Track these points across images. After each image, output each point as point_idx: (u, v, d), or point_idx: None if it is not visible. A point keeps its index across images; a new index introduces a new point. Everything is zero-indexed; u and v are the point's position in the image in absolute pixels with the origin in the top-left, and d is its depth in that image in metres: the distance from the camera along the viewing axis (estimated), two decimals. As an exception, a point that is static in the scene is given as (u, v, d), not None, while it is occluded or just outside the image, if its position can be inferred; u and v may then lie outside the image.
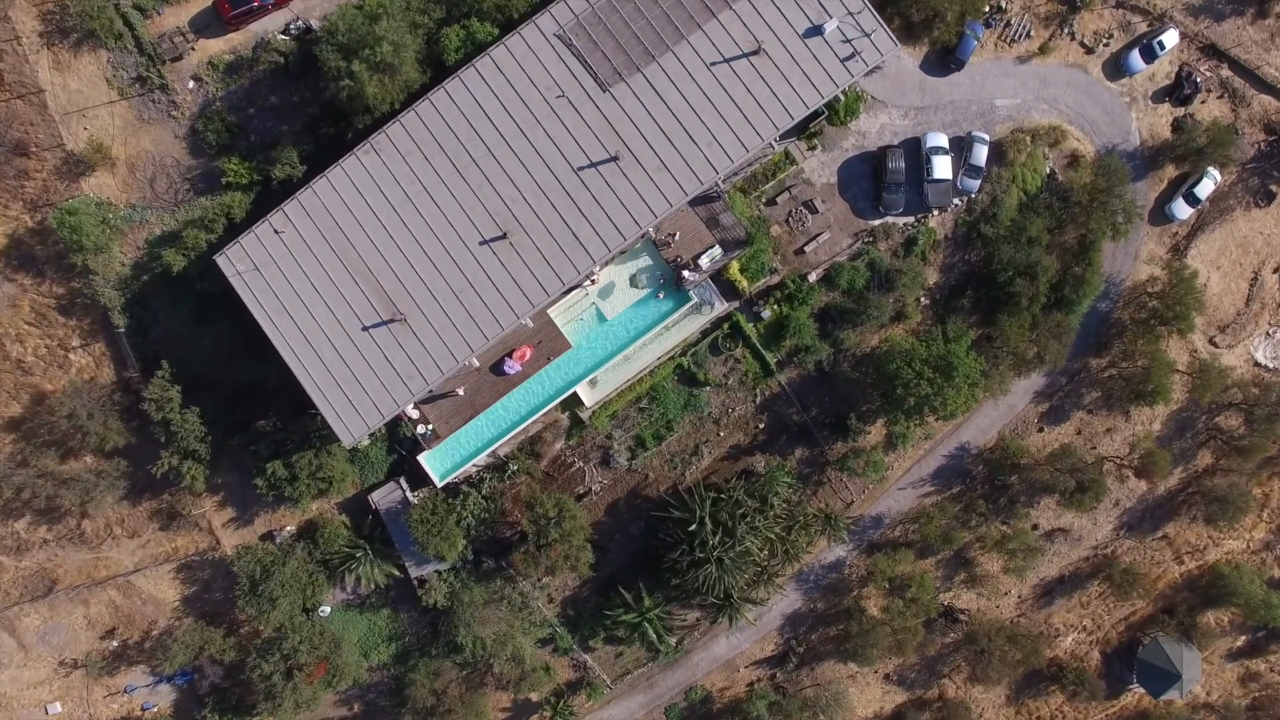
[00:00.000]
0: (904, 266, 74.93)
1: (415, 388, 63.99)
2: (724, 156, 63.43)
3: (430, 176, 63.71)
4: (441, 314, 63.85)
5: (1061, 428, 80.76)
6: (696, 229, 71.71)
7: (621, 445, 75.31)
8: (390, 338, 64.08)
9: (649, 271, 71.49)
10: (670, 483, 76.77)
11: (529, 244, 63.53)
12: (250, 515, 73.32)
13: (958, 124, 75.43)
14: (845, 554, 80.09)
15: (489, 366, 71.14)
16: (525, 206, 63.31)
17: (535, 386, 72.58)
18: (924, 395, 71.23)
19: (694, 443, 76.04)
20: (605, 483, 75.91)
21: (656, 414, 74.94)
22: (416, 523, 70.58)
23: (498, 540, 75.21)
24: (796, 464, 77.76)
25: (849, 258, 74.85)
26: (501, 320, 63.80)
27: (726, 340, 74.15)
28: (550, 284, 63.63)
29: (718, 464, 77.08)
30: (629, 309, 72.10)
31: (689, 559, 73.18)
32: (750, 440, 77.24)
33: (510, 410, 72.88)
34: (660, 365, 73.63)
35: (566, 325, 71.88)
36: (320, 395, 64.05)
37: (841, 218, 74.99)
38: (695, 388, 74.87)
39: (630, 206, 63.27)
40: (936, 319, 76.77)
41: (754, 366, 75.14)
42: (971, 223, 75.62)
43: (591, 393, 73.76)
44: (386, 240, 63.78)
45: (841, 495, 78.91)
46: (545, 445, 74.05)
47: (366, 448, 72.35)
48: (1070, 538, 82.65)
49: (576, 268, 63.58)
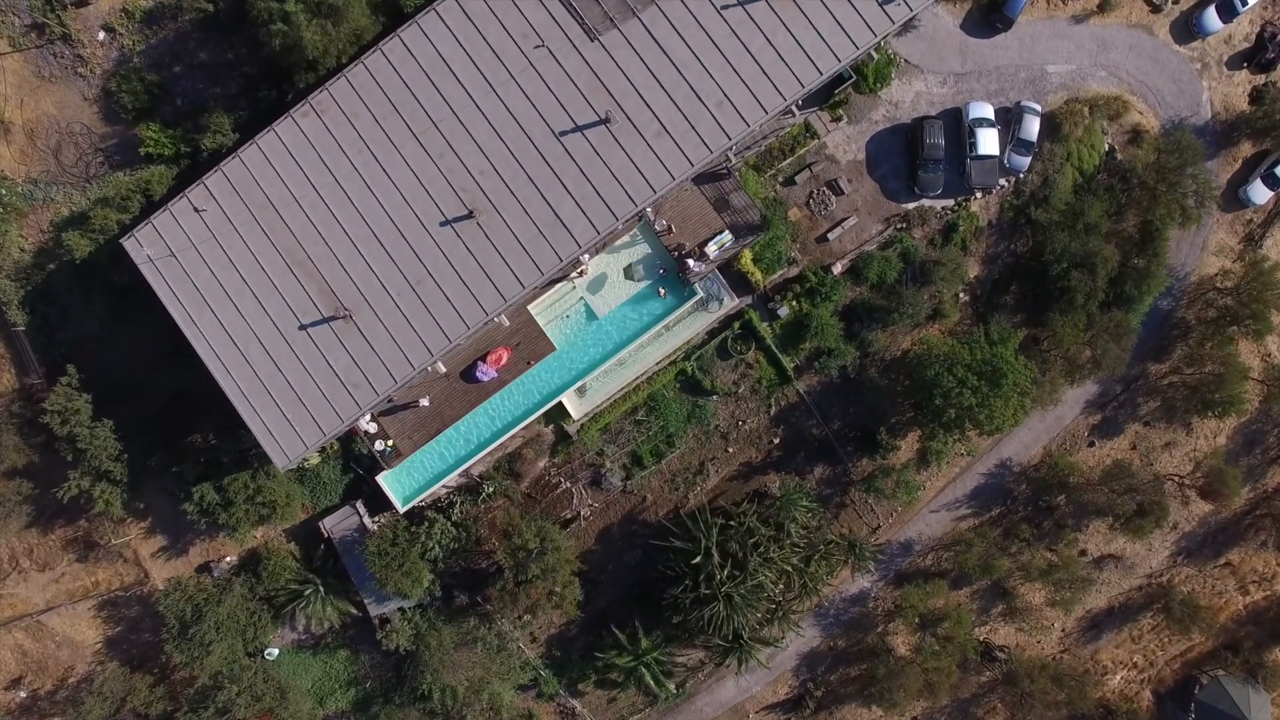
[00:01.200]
0: (942, 257, 60.10)
1: (364, 399, 49.02)
2: (737, 120, 47.93)
3: (381, 143, 48.09)
4: (395, 311, 48.26)
5: (1115, 442, 65.74)
6: (702, 211, 57.01)
7: (615, 463, 60.64)
8: (333, 339, 48.42)
9: (646, 261, 56.77)
10: (671, 506, 62.03)
11: (501, 226, 48.06)
12: (183, 544, 58.25)
13: (1004, 93, 60.51)
14: (870, 585, 65.27)
15: (458, 373, 56.38)
16: (496, 180, 47.63)
17: (513, 396, 57.64)
18: (967, 407, 56.42)
19: (698, 460, 61.37)
20: (596, 506, 61.17)
21: (655, 427, 60.18)
22: (374, 555, 55.84)
23: (472, 572, 60.31)
24: (816, 484, 63.02)
25: (879, 246, 60.14)
26: (468, 318, 48.56)
27: (737, 342, 59.52)
28: (527, 274, 48.46)
29: (726, 484, 62.42)
30: (623, 305, 57.04)
31: (693, 595, 58.60)
32: (763, 457, 62.49)
33: (484, 423, 57.94)
34: (659, 371, 58.38)
35: (550, 324, 56.96)
36: (248, 407, 48.99)
37: (870, 200, 60.30)
38: (700, 397, 59.91)
39: (624, 180, 47.73)
40: (977, 318, 61.93)
41: (768, 372, 60.44)
42: (1019, 207, 60.78)
43: (580, 403, 59.05)
44: (329, 221, 48.22)
45: (867, 519, 64.24)
46: (526, 464, 59.30)
47: (317, 466, 57.63)
48: (1122, 565, 67.50)
49: (559, 255, 48.28)
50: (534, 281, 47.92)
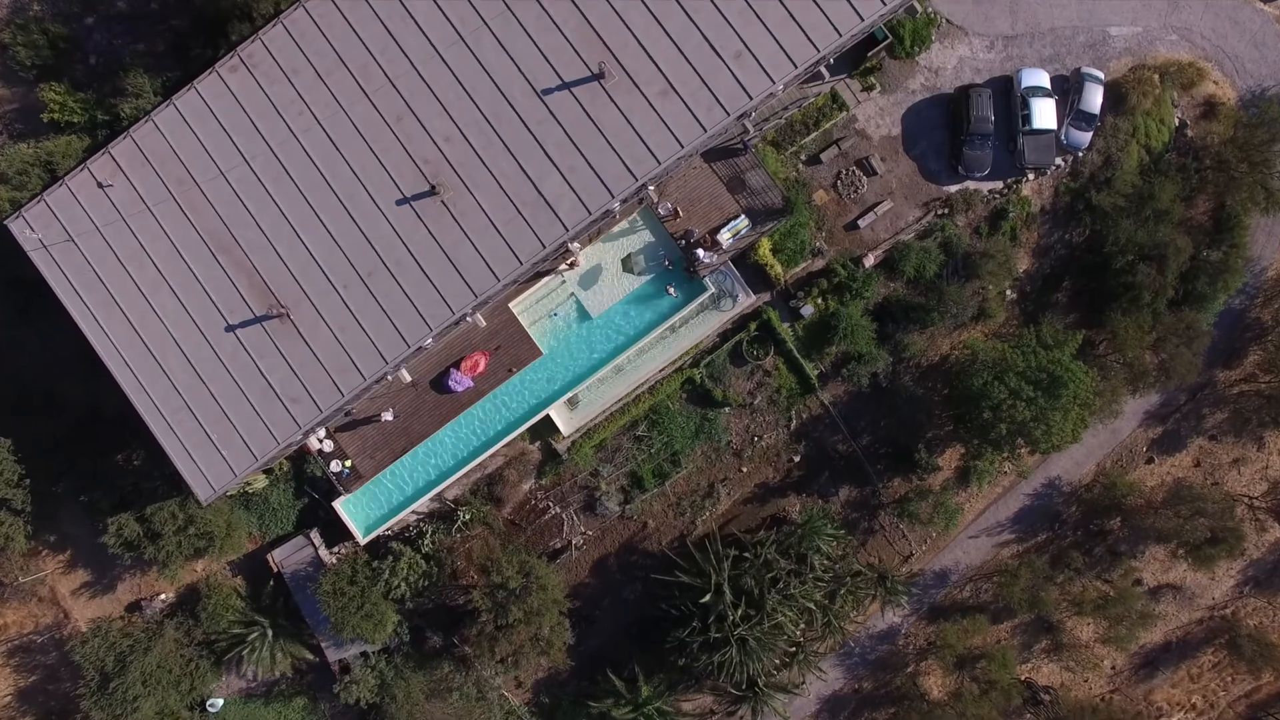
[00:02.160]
0: (989, 248, 49.04)
1: (304, 416, 37.50)
2: (759, 76, 36.02)
3: (326, 104, 36.43)
4: (342, 309, 36.73)
5: (1177, 458, 54.60)
6: (714, 193, 46.08)
7: (611, 485, 49.70)
8: (267, 342, 37.00)
9: (648, 252, 45.92)
10: (676, 534, 50.97)
11: (471, 205, 36.46)
12: (110, 579, 47.00)
13: (1060, 59, 49.44)
14: (900, 620, 54.38)
15: (428, 382, 45.67)
16: (465, 148, 36.31)
17: (493, 409, 46.63)
18: (1020, 421, 45.70)
19: (707, 481, 50.47)
20: (590, 534, 50.23)
21: (658, 444, 49.21)
22: (328, 595, 44.73)
23: (447, 610, 49.52)
24: (841, 508, 51.98)
25: (917, 235, 49.22)
26: (432, 318, 36.90)
27: (753, 346, 48.59)
28: (504, 265, 36.82)
29: (739, 509, 51.46)
30: (621, 303, 46.14)
31: (701, 639, 47.84)
32: (782, 478, 51.57)
33: (459, 440, 46.81)
34: (663, 379, 46.97)
35: (535, 325, 46.15)
36: (164, 426, 37.82)
37: (907, 182, 49.41)
38: (710, 409, 48.37)
39: (621, 149, 36.19)
40: (1025, 318, 51.22)
41: (789, 381, 49.55)
42: (1077, 190, 49.69)
43: (570, 416, 48.06)
44: (263, 199, 36.65)
45: (898, 546, 53.28)
46: (508, 486, 48.37)
47: (264, 490, 46.85)
48: (1181, 595, 56.50)
49: (541, 240, 36.78)
50: (512, 273, 36.80)
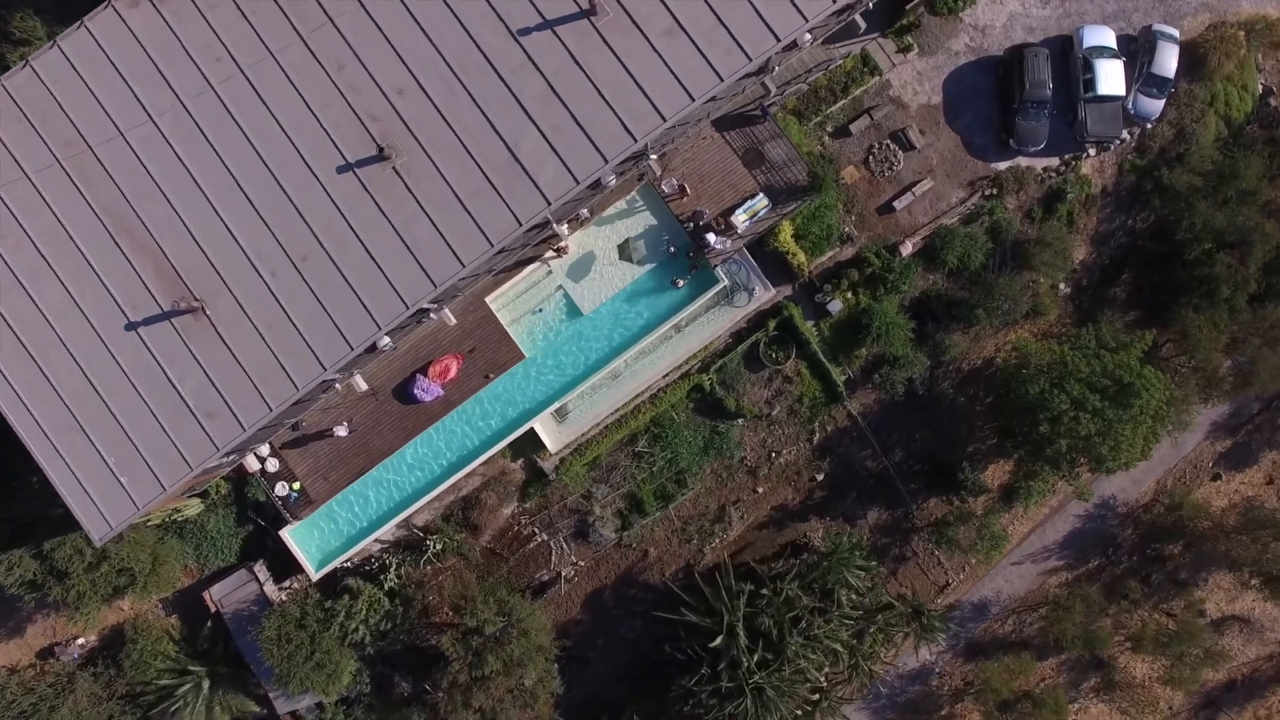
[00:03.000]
0: (1044, 234, 40.35)
1: (223, 435, 27.86)
2: (789, 12, 27.46)
3: (250, 48, 27.30)
4: (269, 301, 27.67)
5: (1247, 474, 45.60)
6: (727, 167, 37.40)
7: (607, 509, 40.94)
8: (177, 343, 27.76)
9: (650, 236, 37.17)
10: (682, 564, 42.14)
11: (430, 172, 27.39)
12: (20, 622, 38.21)
13: (1125, 15, 40.73)
14: (934, 657, 45.97)
15: (390, 389, 37.16)
16: (422, 102, 27.34)
17: (467, 421, 37.68)
18: (1085, 436, 37.16)
19: (718, 504, 41.78)
20: (582, 565, 41.38)
21: (660, 461, 40.26)
22: (272, 642, 36.03)
23: (416, 651, 41.16)
24: (870, 532, 43.50)
25: (961, 220, 40.57)
26: (381, 313, 27.59)
27: (772, 348, 39.37)
28: (469, 247, 27.45)
29: (753, 535, 42.75)
30: (618, 298, 36.78)
31: (711, 687, 39.27)
32: (803, 499, 42.83)
33: (428, 458, 38.06)
34: (667, 387, 37.82)
35: (517, 323, 37.41)
36: (48, 448, 28.92)
37: (949, 158, 40.78)
38: (721, 420, 39.06)
39: (617, 102, 26.93)
40: (1079, 316, 42.72)
41: (812, 388, 40.75)
42: (1145, 168, 40.98)
43: (559, 429, 38.87)
44: (172, 166, 27.48)
45: (933, 575, 44.64)
46: (486, 512, 39.58)
47: (199, 516, 38.34)
48: (1249, 629, 48.09)
49: (517, 216, 27.27)
50: (481, 258, 27.97)
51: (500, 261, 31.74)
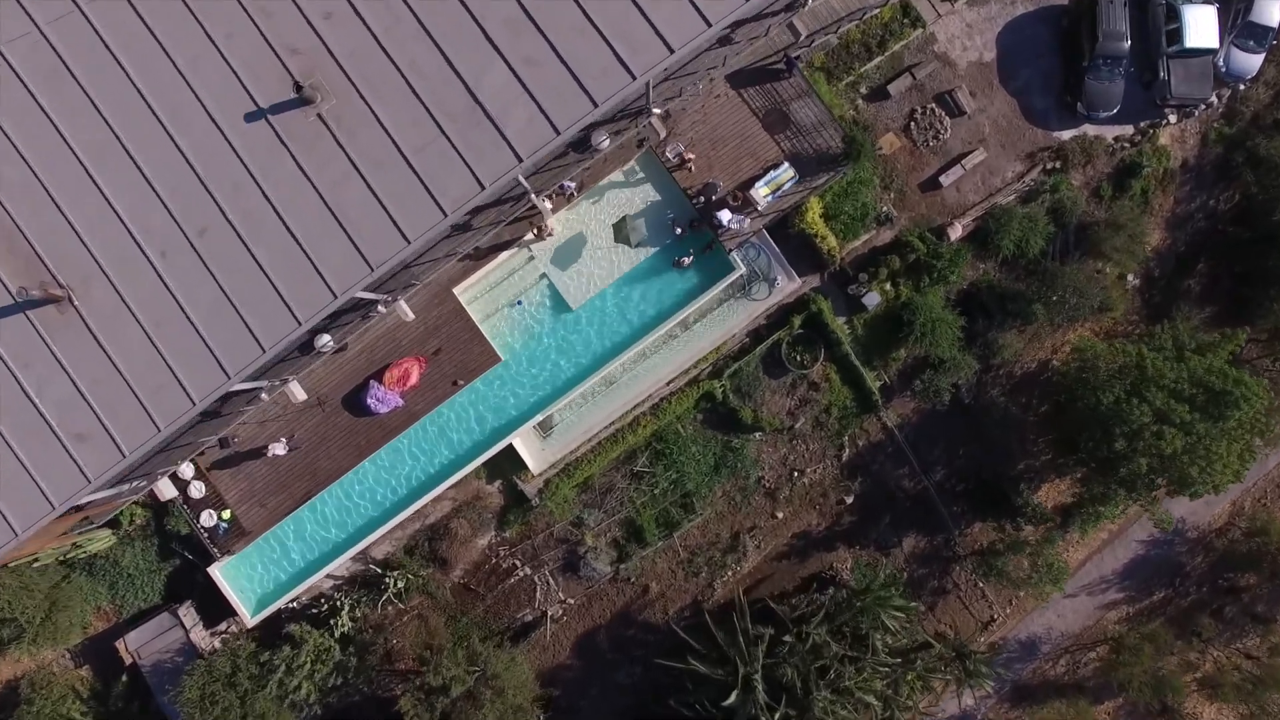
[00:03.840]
0: (1116, 215, 33.23)
1: (96, 464, 19.94)
2: None
3: None
4: (158, 289, 19.94)
5: (1333, 493, 39.11)
6: (745, 131, 29.92)
7: (600, 539, 33.31)
8: (37, 344, 20.12)
9: (651, 215, 29.63)
10: (689, 601, 34.53)
11: (364, 118, 19.54)
12: (-102, 676, 31.62)
13: (1211, -42, 33.63)
14: (975, 703, 38.56)
15: (340, 399, 29.82)
16: (356, 29, 19.60)
17: (433, 437, 30.10)
18: (1171, 454, 29.81)
19: (731, 531, 34.14)
20: (571, 603, 33.59)
21: (664, 482, 32.21)
22: (193, 704, 28.76)
23: (377, 703, 33.82)
24: (905, 561, 36.11)
25: (1018, 198, 33.19)
26: (301, 304, 20.10)
27: (796, 349, 31.22)
28: (415, 218, 19.62)
29: (771, 566, 35.24)
30: (613, 288, 28.83)
31: (723, 749, 31.78)
32: (829, 524, 35.30)
33: (387, 480, 30.90)
34: (672, 395, 30.10)
35: (492, 319, 29.89)
36: None
37: (1004, 125, 33.35)
38: (736, 435, 31.16)
39: (609, 28, 19.19)
40: (1149, 311, 35.30)
41: (843, 396, 33.06)
42: (1234, 137, 33.42)
43: (543, 446, 30.78)
44: (30, 115, 19.94)
45: (976, 610, 37.14)
46: (456, 543, 32.02)
47: (111, 550, 31.00)
48: (1328, 667, 41.08)
49: (478, 177, 19.50)
50: (429, 231, 20.32)
51: (465, 243, 24.29)
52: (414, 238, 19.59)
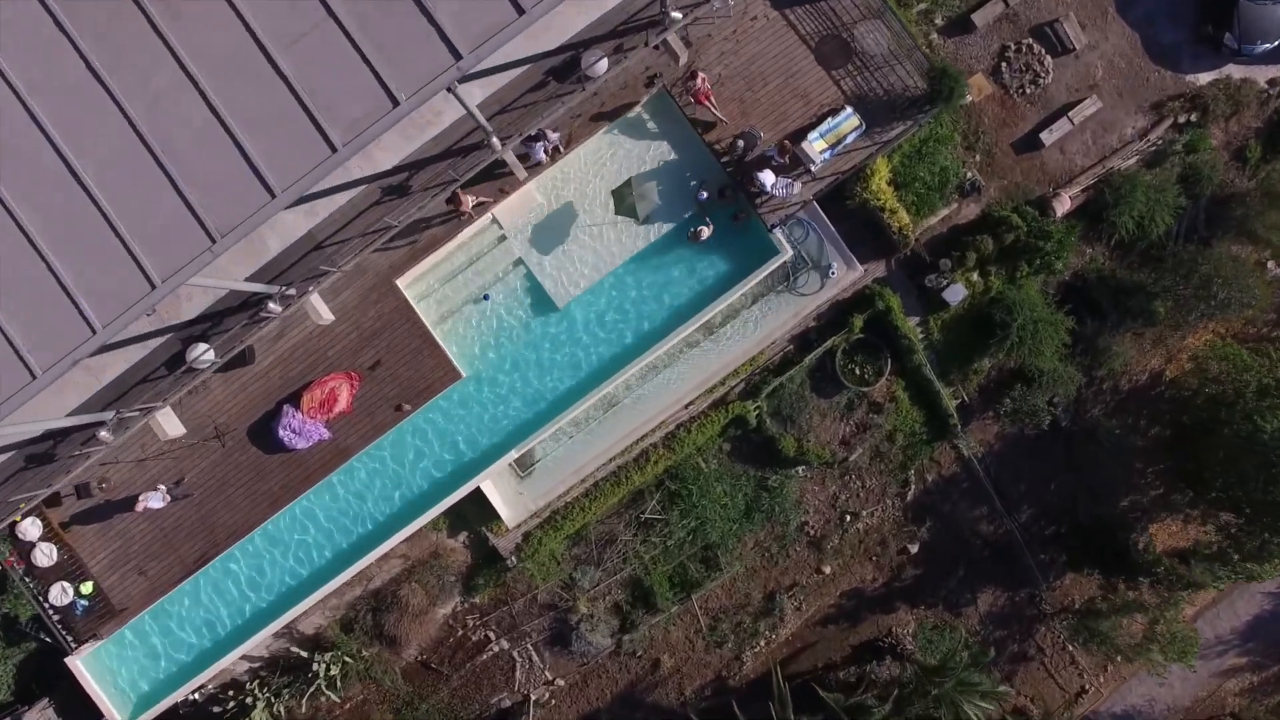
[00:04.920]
0: (1272, 183, 25.27)
1: None
2: None
3: None
4: None
5: None
6: (792, 65, 21.37)
7: (598, 604, 24.80)
8: None
9: (667, 178, 21.03)
10: (711, 678, 26.16)
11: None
12: None
13: None
14: (1061, 789, 30.41)
15: (246, 429, 21.67)
16: None
17: (373, 478, 22.86)
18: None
19: (764, 589, 25.57)
20: (562, 684, 25.50)
21: (680, 531, 23.63)
22: (44, 847, 20.78)
23: (314, 815, 25.51)
24: (981, 622, 28.03)
25: (1142, 161, 25.08)
26: (99, 301, 12.99)
27: (855, 360, 22.15)
28: (285, 158, 12.63)
29: (815, 632, 26.82)
30: (614, 278, 20.51)
31: None
32: (888, 579, 26.64)
33: (313, 536, 23.27)
34: (692, 422, 21.27)
35: (449, 322, 21.50)
36: None
37: (1123, 65, 24.91)
38: (774, 470, 22.36)
39: None
40: (1291, 309, 26.84)
41: (912, 419, 24.22)
42: None
43: (520, 490, 21.84)
44: None
45: (1063, 678, 28.52)
46: (409, 616, 23.13)
47: (-56, 631, 22.58)
48: None
49: (389, 89, 12.13)
50: (305, 176, 12.15)
51: (399, 211, 15.96)
52: (281, 190, 11.18)
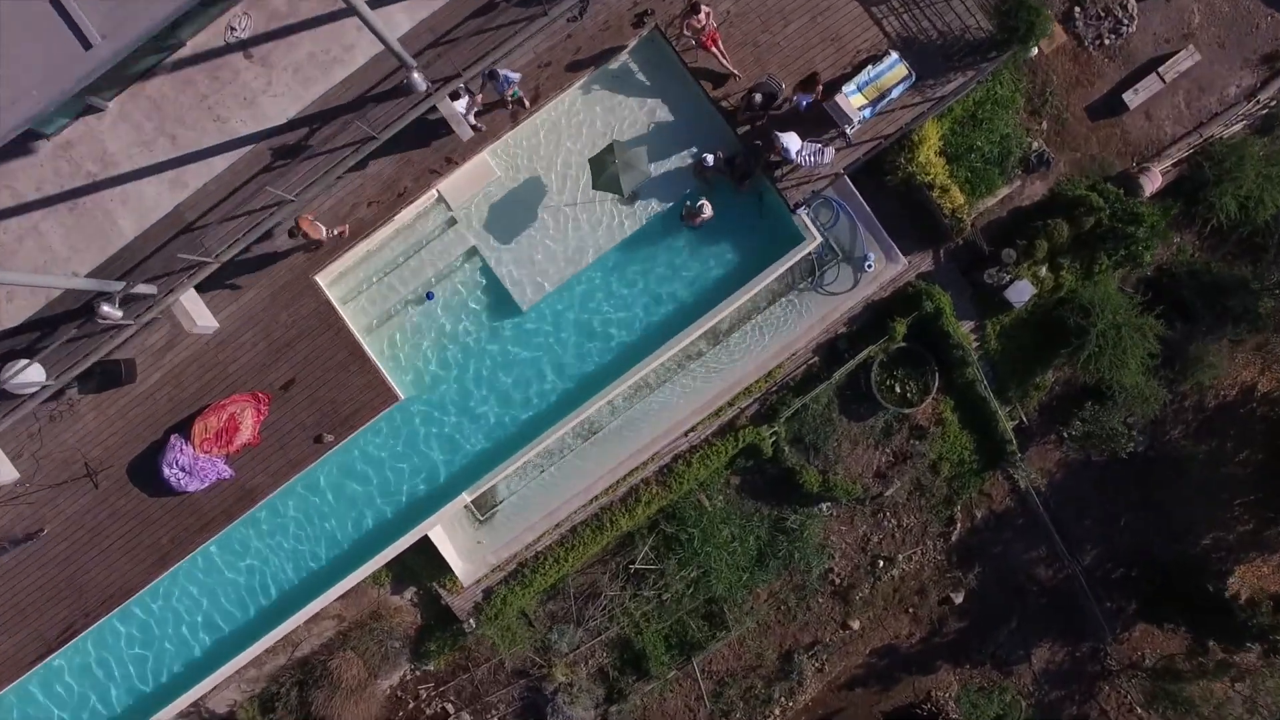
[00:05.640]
0: None
1: None
2: None
3: None
4: None
5: None
6: (823, 1, 16.61)
7: (579, 670, 20.68)
8: None
9: (660, 143, 16.14)
10: (715, 756, 22.26)
11: None
12: None
13: None
14: None
15: (125, 466, 17.03)
16: None
17: (292, 525, 18.51)
18: None
19: (779, 649, 21.06)
20: (535, 766, 21.30)
21: (678, 583, 18.95)
22: None
23: None
24: (1035, 681, 23.51)
25: (1249, 128, 20.51)
26: None
27: (894, 375, 17.08)
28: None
29: (839, 697, 22.38)
30: (593, 274, 16.18)
31: None
32: (926, 634, 21.96)
33: (219, 598, 18.85)
34: (694, 453, 16.37)
35: (383, 329, 16.44)
36: None
37: (1225, 9, 20.33)
38: (793, 508, 17.47)
39: None
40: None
41: (960, 445, 19.46)
42: None
43: (479, 538, 16.52)
44: None
45: (1129, 745, 24.52)
46: (342, 692, 19.01)
47: None
48: None
49: None
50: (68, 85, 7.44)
51: (296, 179, 11.23)
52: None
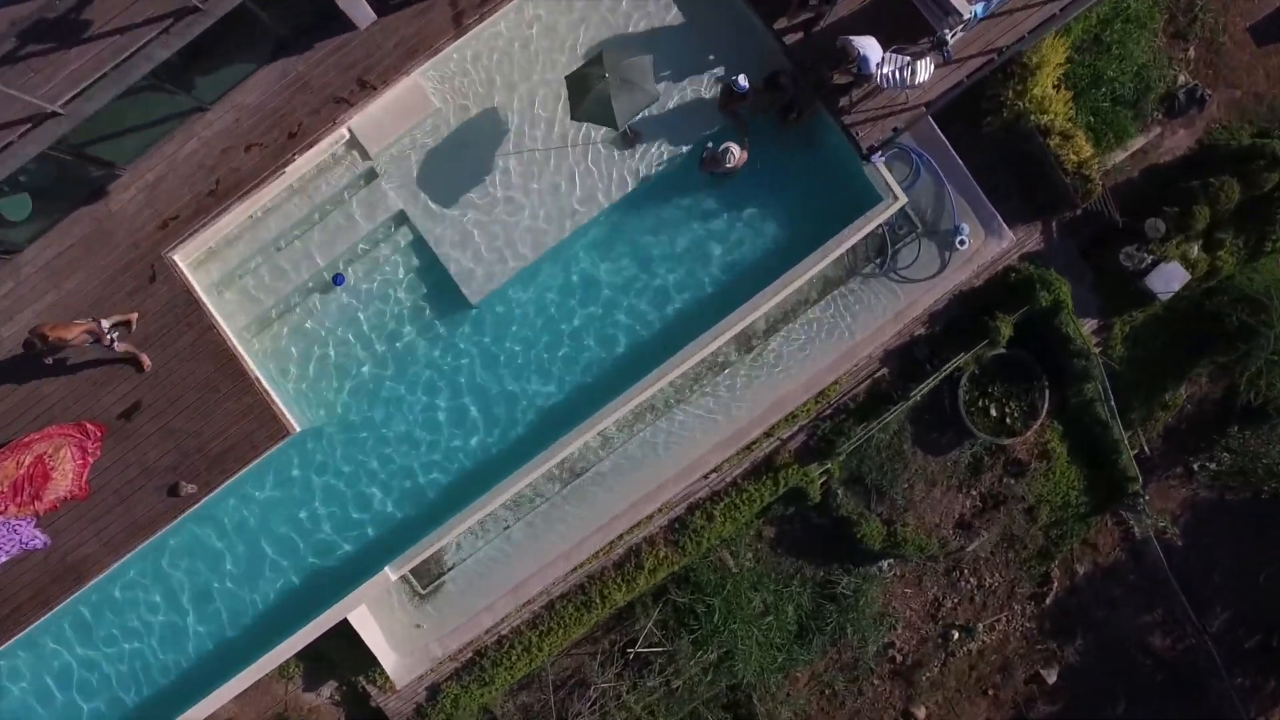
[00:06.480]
0: None
1: None
2: None
3: None
4: None
5: None
6: None
7: (560, 785, 15.76)
8: None
9: (670, 48, 9.40)
10: None
11: None
12: None
13: None
14: None
15: None
16: None
17: (151, 609, 13.47)
18: None
19: (825, 748, 16.48)
20: None
21: (692, 668, 15.44)
22: None
23: None
24: None
25: None
26: None
27: (985, 393, 11.85)
28: None
29: (901, 806, 17.71)
30: (573, 246, 11.09)
31: None
32: (1009, 719, 17.93)
33: (71, 697, 13.91)
34: (716, 499, 11.27)
35: (272, 331, 11.96)
36: None
37: None
38: (847, 567, 12.35)
39: None
40: None
41: (1067, 483, 15.45)
42: None
43: (418, 620, 11.05)
44: None
45: None
46: None
47: None
48: None
49: None
50: None
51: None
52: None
